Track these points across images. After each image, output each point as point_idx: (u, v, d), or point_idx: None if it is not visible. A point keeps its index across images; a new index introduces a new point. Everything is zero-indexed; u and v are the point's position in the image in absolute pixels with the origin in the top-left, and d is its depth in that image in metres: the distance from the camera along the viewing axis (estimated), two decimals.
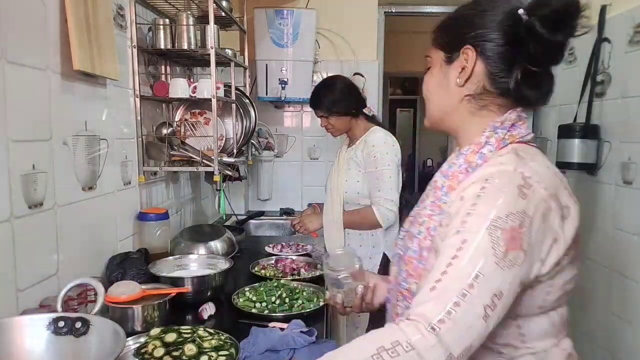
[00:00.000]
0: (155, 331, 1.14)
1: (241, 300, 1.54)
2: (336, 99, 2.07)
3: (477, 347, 0.72)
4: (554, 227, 0.78)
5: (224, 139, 2.30)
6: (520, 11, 0.81)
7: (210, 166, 1.94)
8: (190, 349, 1.09)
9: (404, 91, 8.89)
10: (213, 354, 1.09)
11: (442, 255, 0.77)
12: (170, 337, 1.11)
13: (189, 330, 1.16)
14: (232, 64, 2.28)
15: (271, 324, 1.37)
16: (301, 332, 1.26)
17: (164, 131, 2.01)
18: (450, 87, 0.90)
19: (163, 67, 2.16)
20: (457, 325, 0.70)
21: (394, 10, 3.31)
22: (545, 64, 0.85)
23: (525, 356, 0.83)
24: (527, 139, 0.87)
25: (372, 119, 2.19)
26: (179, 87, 1.94)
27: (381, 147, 2.02)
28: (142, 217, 1.85)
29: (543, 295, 0.82)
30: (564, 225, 0.80)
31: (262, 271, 1.86)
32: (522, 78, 0.84)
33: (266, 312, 1.45)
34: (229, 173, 2.19)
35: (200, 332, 1.17)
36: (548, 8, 0.79)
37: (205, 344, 1.12)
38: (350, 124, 2.12)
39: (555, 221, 0.79)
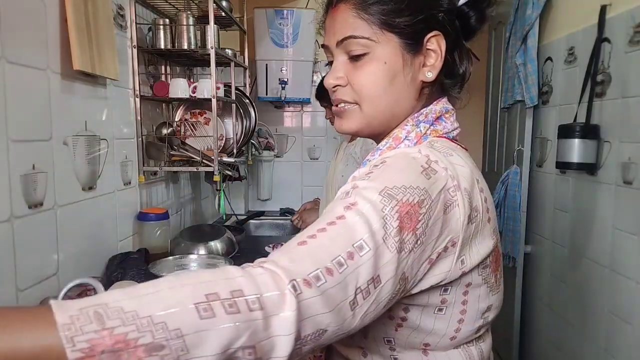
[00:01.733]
0: None
1: None
2: None
3: (328, 339, 0.53)
4: (455, 226, 0.63)
5: (224, 139, 2.30)
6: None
7: (210, 166, 1.94)
8: None
9: None
10: None
11: (325, 214, 0.59)
12: None
13: None
14: (232, 64, 2.28)
15: None
16: None
17: (164, 131, 2.01)
18: (415, 78, 0.74)
19: (163, 67, 2.16)
20: (322, 296, 0.50)
21: None
22: (468, 53, 0.81)
23: None
24: (452, 135, 0.77)
25: None
26: (179, 87, 1.94)
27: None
28: (142, 217, 1.85)
29: (455, 322, 0.68)
30: (472, 229, 0.65)
31: None
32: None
33: None
34: (229, 173, 2.19)
35: None
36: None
37: None
38: None
39: (460, 220, 0.63)
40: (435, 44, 0.73)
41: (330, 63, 0.78)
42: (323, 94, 2.13)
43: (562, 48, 2.28)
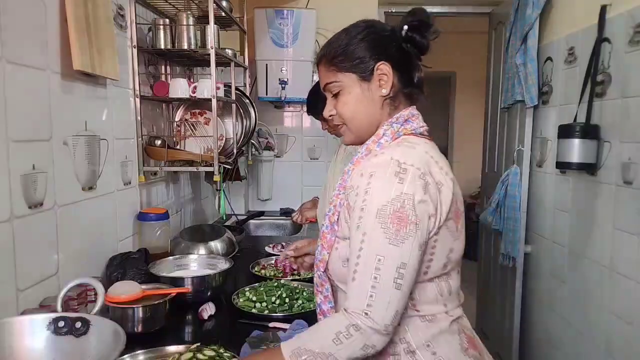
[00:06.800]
0: None
1: (241, 300, 1.54)
2: None
3: (403, 308, 0.92)
4: (433, 197, 0.94)
5: (224, 139, 2.30)
6: (405, 27, 1.04)
7: (210, 166, 1.94)
8: None
9: None
10: None
11: (352, 250, 0.94)
12: None
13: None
14: (232, 64, 2.28)
15: (271, 324, 1.37)
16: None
17: (158, 142, 1.98)
18: (375, 97, 1.05)
19: (163, 67, 2.16)
20: (380, 303, 0.89)
21: (394, 10, 3.31)
22: (418, 67, 1.08)
23: (414, 317, 0.99)
24: (420, 131, 1.06)
25: None
26: (179, 87, 1.94)
27: None
28: (142, 217, 1.85)
29: (426, 262, 0.97)
30: (440, 195, 0.96)
31: (262, 271, 1.86)
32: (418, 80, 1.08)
33: (266, 312, 1.45)
34: (228, 166, 2.19)
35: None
36: (415, 19, 1.04)
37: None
38: None
39: (434, 192, 0.95)
40: (383, 69, 1.03)
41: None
42: (314, 109, 2.12)
43: (562, 48, 2.28)
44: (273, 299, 1.51)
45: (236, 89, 2.41)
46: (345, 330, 0.90)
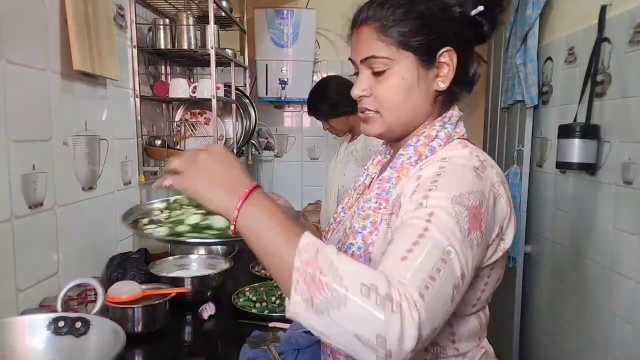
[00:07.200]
0: None
1: (241, 300, 1.54)
2: (332, 102, 2.03)
3: (439, 329, 0.64)
4: (502, 214, 0.76)
5: (224, 139, 2.30)
6: (480, 8, 0.82)
7: None
8: None
9: None
10: None
11: (409, 227, 0.68)
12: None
13: None
14: (232, 64, 2.28)
15: (271, 324, 1.37)
16: (304, 332, 1.25)
17: (158, 142, 1.99)
18: (429, 90, 0.83)
19: (163, 67, 2.16)
20: (433, 303, 0.62)
21: None
22: (478, 58, 0.88)
23: (450, 357, 0.81)
24: (466, 137, 0.87)
25: None
26: (179, 87, 1.94)
27: (379, 140, 2.02)
28: None
29: (479, 292, 0.80)
30: (511, 215, 0.78)
31: (262, 271, 1.86)
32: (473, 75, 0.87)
33: (266, 312, 1.45)
34: None
35: None
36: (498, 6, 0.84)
37: None
38: (350, 121, 2.11)
39: (504, 208, 0.77)
40: (447, 58, 0.82)
41: (355, 73, 0.88)
42: (314, 110, 2.12)
43: (562, 48, 2.28)
44: (273, 299, 1.51)
45: (236, 89, 2.41)
46: (381, 297, 0.59)
